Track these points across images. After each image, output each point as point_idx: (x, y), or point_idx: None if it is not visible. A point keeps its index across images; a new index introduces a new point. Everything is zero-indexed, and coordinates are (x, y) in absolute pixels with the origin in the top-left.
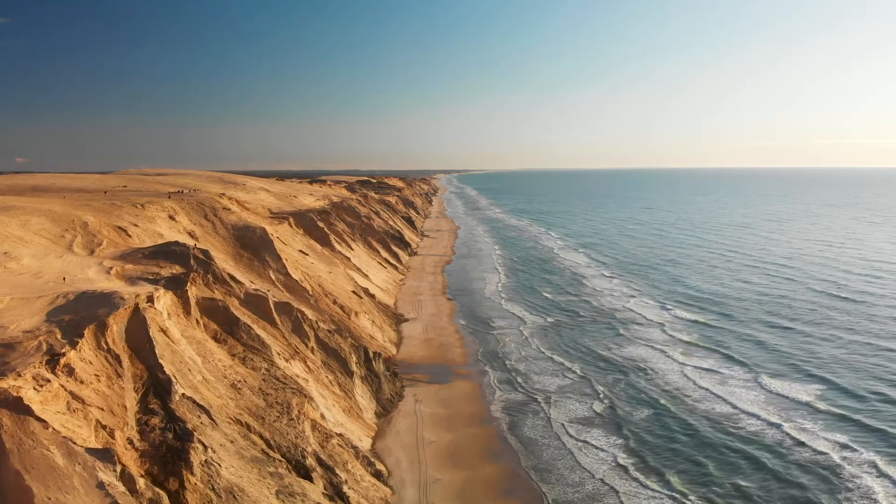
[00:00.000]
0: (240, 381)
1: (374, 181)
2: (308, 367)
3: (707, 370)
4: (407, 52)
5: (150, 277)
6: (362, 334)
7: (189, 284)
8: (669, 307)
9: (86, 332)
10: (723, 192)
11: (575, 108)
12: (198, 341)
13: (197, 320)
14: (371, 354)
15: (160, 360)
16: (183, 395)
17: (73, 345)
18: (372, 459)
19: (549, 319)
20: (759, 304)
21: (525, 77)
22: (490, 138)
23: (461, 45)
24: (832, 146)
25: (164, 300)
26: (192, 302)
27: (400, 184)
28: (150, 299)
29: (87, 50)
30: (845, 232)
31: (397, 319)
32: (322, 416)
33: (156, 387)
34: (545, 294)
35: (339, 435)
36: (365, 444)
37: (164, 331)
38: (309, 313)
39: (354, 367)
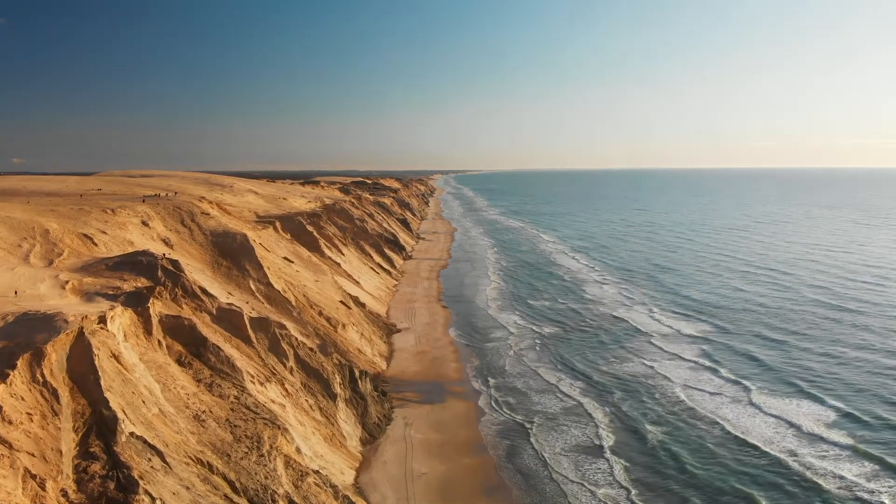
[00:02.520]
0: (204, 411)
1: (370, 182)
2: (286, 390)
3: (711, 393)
4: (405, 52)
5: (110, 293)
6: (349, 348)
7: (152, 301)
8: (669, 319)
9: (19, 362)
10: (721, 194)
11: (573, 108)
12: (158, 366)
13: (159, 341)
14: (357, 374)
15: (105, 394)
16: (131, 434)
17: (3, 378)
18: (354, 499)
19: (546, 330)
20: (759, 316)
21: (524, 77)
22: (488, 139)
23: (460, 45)
24: (830, 146)
25: (121, 319)
26: (155, 320)
27: (396, 185)
28: (102, 320)
29: (86, 50)
30: (846, 235)
31: (389, 330)
32: (297, 449)
33: (99, 426)
34: (542, 302)
35: (317, 472)
36: (347, 477)
37: (115, 356)
38: (291, 327)
39: (338, 389)
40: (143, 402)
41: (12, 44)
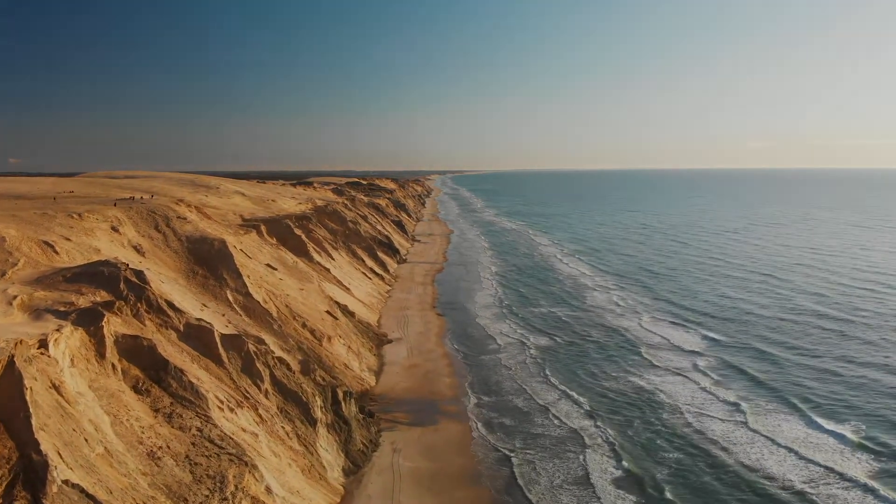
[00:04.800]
0: (160, 447)
1: (365, 183)
2: (259, 416)
3: (715, 418)
4: (402, 52)
5: (62, 309)
6: (335, 364)
7: (107, 318)
8: (668, 330)
9: None
10: (717, 195)
11: (571, 108)
12: (111, 394)
13: (113, 365)
14: (341, 395)
15: (37, 434)
16: (64, 482)
17: None
18: None
19: (544, 342)
20: (760, 329)
21: (522, 78)
22: (486, 139)
23: (458, 45)
24: (828, 147)
25: (69, 341)
26: (109, 341)
27: (391, 185)
28: (44, 343)
29: (85, 49)
30: (846, 238)
31: (380, 341)
32: (268, 488)
33: (27, 473)
34: (539, 309)
35: None
36: None
37: (56, 387)
38: (270, 342)
39: (319, 413)
40: (87, 440)
41: (12, 43)
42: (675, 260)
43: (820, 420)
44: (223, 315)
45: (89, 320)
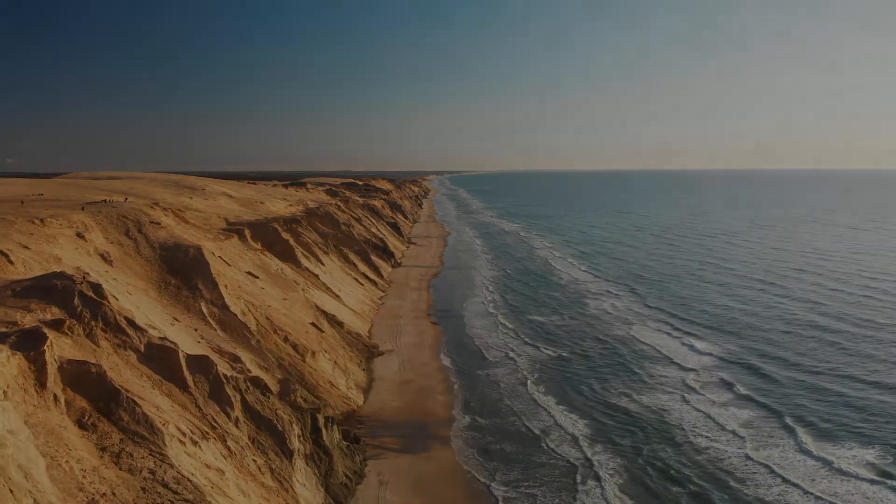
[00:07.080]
0: (104, 494)
1: (360, 183)
2: (228, 448)
3: (732, 449)
4: (401, 52)
5: (3, 330)
6: (319, 382)
7: (50, 341)
8: (675, 339)
9: None
10: (717, 195)
11: (570, 109)
12: (50, 431)
13: (56, 396)
14: (321, 422)
15: None
16: None
17: None
18: None
19: (543, 354)
20: (767, 342)
21: (520, 78)
22: (485, 140)
23: (456, 44)
24: (825, 147)
25: (4, 370)
26: (52, 368)
27: (388, 186)
28: None
29: (83, 48)
30: (846, 242)
31: (370, 353)
32: None
33: None
34: (538, 318)
35: None
36: None
37: None
38: (247, 359)
39: (296, 443)
40: (12, 491)
41: (11, 42)
42: (671, 265)
43: (836, 449)
44: (196, 330)
45: (31, 343)
